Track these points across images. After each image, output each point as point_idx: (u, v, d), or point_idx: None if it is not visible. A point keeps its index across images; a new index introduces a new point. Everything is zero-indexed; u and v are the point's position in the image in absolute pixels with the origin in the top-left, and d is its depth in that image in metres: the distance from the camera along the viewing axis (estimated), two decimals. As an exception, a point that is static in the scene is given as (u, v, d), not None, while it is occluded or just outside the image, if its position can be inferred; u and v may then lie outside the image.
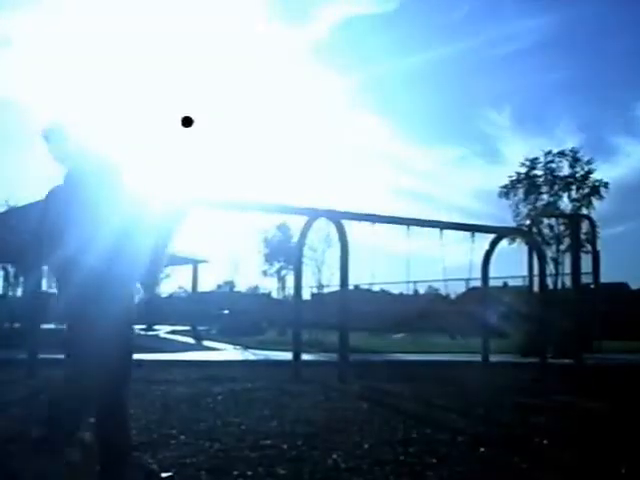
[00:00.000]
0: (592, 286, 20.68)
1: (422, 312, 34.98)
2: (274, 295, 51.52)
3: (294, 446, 5.31)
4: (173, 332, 28.94)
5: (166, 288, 56.55)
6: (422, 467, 4.69)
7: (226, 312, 34.18)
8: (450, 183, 74.25)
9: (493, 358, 14.05)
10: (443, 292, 38.85)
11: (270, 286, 54.89)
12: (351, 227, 12.32)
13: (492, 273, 14.98)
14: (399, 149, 76.26)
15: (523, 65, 69.07)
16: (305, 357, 12.85)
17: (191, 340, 23.53)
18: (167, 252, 4.37)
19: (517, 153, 66.18)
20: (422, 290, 43.41)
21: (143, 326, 29.27)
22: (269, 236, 48.18)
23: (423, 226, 13.78)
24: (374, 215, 13.01)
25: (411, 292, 40.34)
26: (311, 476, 4.45)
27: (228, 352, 17.61)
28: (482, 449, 5.32)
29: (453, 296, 39.09)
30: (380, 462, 4.81)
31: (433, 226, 13.82)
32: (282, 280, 50.35)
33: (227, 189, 30.28)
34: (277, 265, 49.76)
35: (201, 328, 26.32)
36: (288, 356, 12.28)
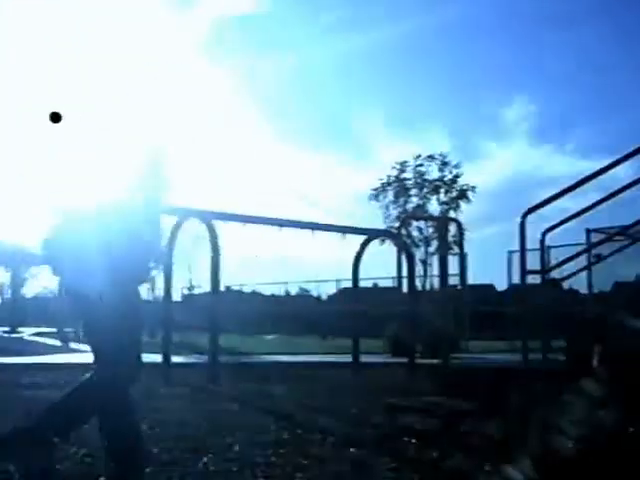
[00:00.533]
0: (459, 287, 21.20)
1: (294, 313, 35.18)
2: (143, 296, 50.65)
3: (163, 450, 5.21)
4: (38, 334, 28.09)
5: (31, 289, 54.80)
6: (293, 468, 4.68)
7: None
8: (332, 186, 74.89)
9: (364, 358, 14.25)
10: (314, 293, 39.21)
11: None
12: (225, 228, 12.27)
13: (363, 274, 15.21)
14: (285, 152, 76.51)
15: (395, 69, 70.33)
16: (175, 359, 12.69)
17: (57, 342, 22.88)
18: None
19: (391, 156, 67.72)
20: (294, 291, 43.73)
21: (6, 328, 28.28)
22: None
23: (295, 227, 13.84)
24: (245, 216, 12.97)
25: (283, 293, 40.52)
26: (180, 480, 4.36)
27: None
28: (352, 449, 5.35)
29: (324, 297, 39.51)
30: (251, 464, 4.77)
31: (304, 227, 13.90)
32: (152, 281, 49.68)
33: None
34: (147, 266, 49.06)
35: (67, 330, 25.65)
36: (158, 358, 12.09)
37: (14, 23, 50.35)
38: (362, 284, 16.75)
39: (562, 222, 7.07)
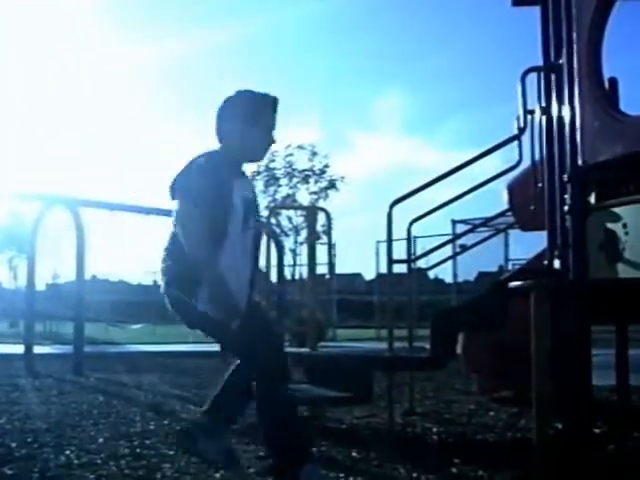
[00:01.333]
0: (327, 277, 21.44)
1: (161, 302, 34.75)
2: (5, 285, 49.11)
3: (23, 444, 5.05)
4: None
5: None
6: (159, 459, 4.62)
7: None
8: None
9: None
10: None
11: (0, 276, 52.34)
12: (92, 216, 12.01)
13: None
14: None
15: (267, 59, 70.33)
16: (38, 350, 12.32)
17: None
18: None
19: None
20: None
21: None
22: (-2, 224, 45.93)
23: (163, 215, 13.66)
24: (113, 203, 12.71)
25: (150, 283, 39.93)
26: (41, 475, 4.23)
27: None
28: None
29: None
30: (116, 456, 4.68)
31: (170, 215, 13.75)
32: (14, 269, 48.17)
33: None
34: (9, 253, 47.56)
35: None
36: (20, 349, 11.71)
37: None
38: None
39: (428, 213, 7.21)
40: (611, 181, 4.21)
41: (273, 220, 25.53)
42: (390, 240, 6.21)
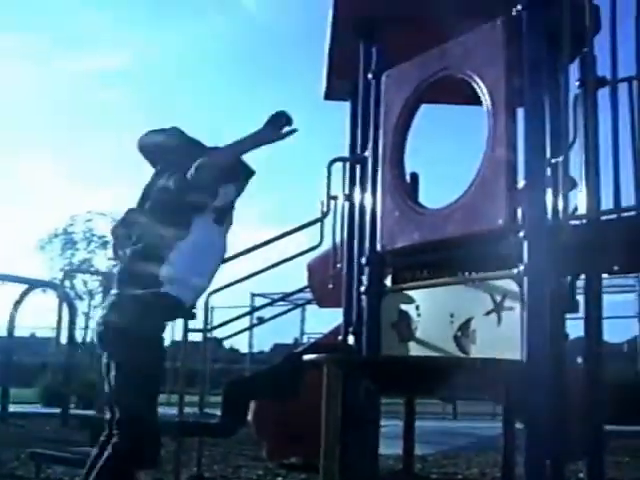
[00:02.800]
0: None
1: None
2: None
3: None
4: None
5: None
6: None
7: None
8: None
9: (14, 408, 13.74)
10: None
11: None
12: None
13: (22, 323, 14.80)
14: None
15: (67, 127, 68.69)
16: None
17: None
18: None
19: (63, 208, 65.10)
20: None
21: None
22: None
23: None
24: None
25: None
26: None
27: None
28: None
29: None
30: None
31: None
32: None
33: None
34: None
35: None
36: None
37: None
38: (19, 333, 16.18)
39: (228, 285, 7.38)
40: (406, 266, 4.48)
41: (67, 283, 24.79)
42: (188, 308, 6.26)
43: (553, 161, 3.85)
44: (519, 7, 3.80)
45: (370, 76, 4.76)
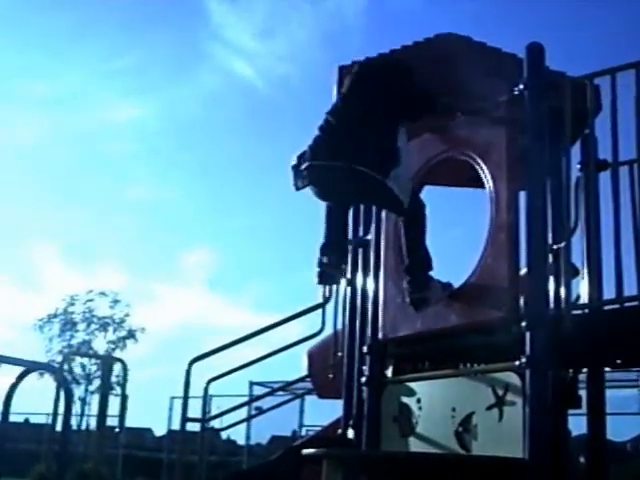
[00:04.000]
0: (117, 430, 20.61)
1: None
2: None
3: None
4: None
5: None
6: None
7: None
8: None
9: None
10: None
11: None
12: None
13: (17, 408, 14.47)
14: None
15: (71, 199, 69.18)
16: None
17: None
18: None
19: (63, 287, 64.94)
20: None
21: None
22: None
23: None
24: None
25: None
26: None
27: None
28: None
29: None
30: None
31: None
32: None
33: None
34: None
35: None
36: None
37: None
38: (14, 419, 15.81)
39: (227, 373, 7.22)
40: (408, 356, 4.37)
41: (66, 366, 24.48)
42: (187, 397, 6.13)
43: (555, 247, 3.78)
44: (521, 87, 3.78)
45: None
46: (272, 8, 40.89)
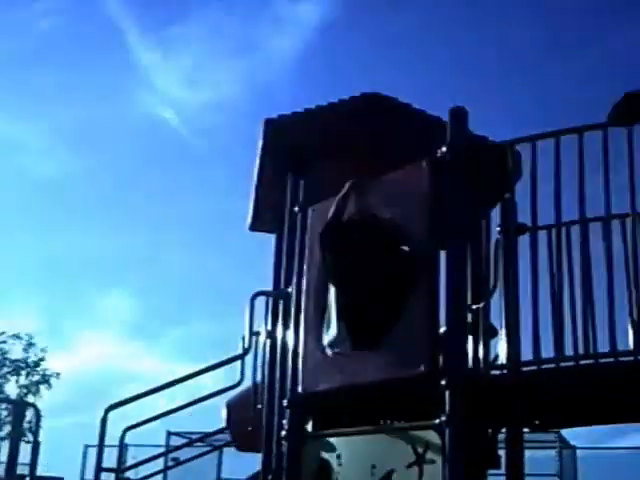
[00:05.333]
0: (27, 479, 19.97)
1: None
2: None
3: None
4: None
5: None
6: None
7: None
8: None
9: None
10: None
11: None
12: None
13: None
14: None
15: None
16: None
17: None
18: None
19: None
20: None
21: None
22: None
23: None
24: None
25: None
26: None
27: None
28: None
29: None
30: None
31: None
32: None
33: None
34: None
35: None
36: None
37: None
38: None
39: (144, 422, 7.08)
40: (328, 411, 4.35)
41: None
42: (102, 446, 6.00)
43: (474, 307, 3.85)
44: (443, 149, 3.84)
45: (296, 209, 4.75)
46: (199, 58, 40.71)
